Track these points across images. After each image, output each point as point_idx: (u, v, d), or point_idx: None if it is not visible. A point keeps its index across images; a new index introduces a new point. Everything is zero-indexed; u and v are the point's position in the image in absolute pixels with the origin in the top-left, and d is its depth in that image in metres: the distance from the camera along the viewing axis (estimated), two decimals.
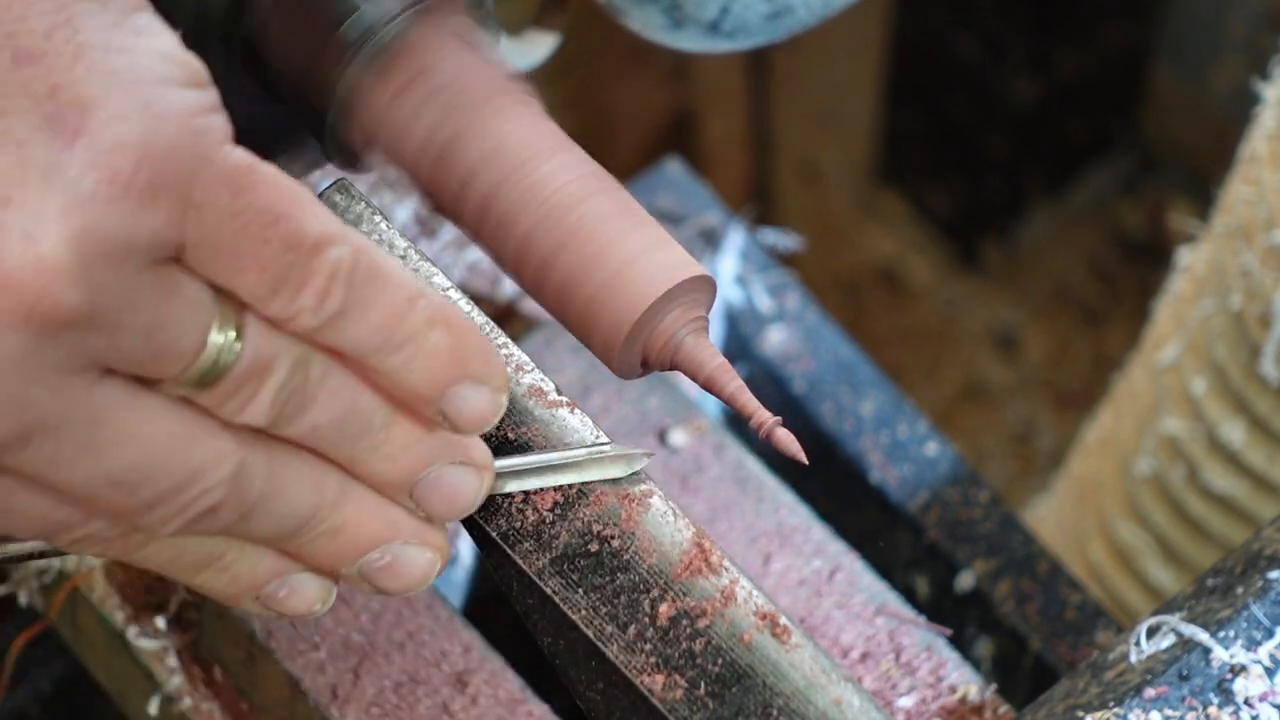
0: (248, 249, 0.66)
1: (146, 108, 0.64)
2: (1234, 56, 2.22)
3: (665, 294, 0.79)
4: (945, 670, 0.98)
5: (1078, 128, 2.36)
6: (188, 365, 0.66)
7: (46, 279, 0.62)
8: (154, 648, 0.97)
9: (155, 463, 0.67)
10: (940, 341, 2.38)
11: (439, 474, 0.75)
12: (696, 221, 1.18)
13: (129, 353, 0.65)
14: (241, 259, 0.66)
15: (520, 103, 0.83)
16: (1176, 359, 1.31)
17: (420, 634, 0.95)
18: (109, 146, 0.63)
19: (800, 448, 0.79)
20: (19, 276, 0.62)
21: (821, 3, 0.98)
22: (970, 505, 1.12)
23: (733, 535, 1.02)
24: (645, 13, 0.97)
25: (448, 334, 0.71)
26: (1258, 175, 1.21)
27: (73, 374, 0.65)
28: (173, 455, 0.68)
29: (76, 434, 0.65)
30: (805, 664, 0.75)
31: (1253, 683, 0.86)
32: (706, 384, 0.80)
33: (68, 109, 0.63)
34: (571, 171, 0.81)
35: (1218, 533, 1.33)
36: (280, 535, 0.73)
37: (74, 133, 0.63)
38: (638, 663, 0.76)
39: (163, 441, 0.67)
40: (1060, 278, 2.40)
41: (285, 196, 0.67)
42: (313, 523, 0.73)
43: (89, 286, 0.63)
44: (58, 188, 0.63)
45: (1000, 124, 2.29)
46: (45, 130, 0.63)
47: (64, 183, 0.63)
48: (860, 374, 1.16)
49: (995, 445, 2.31)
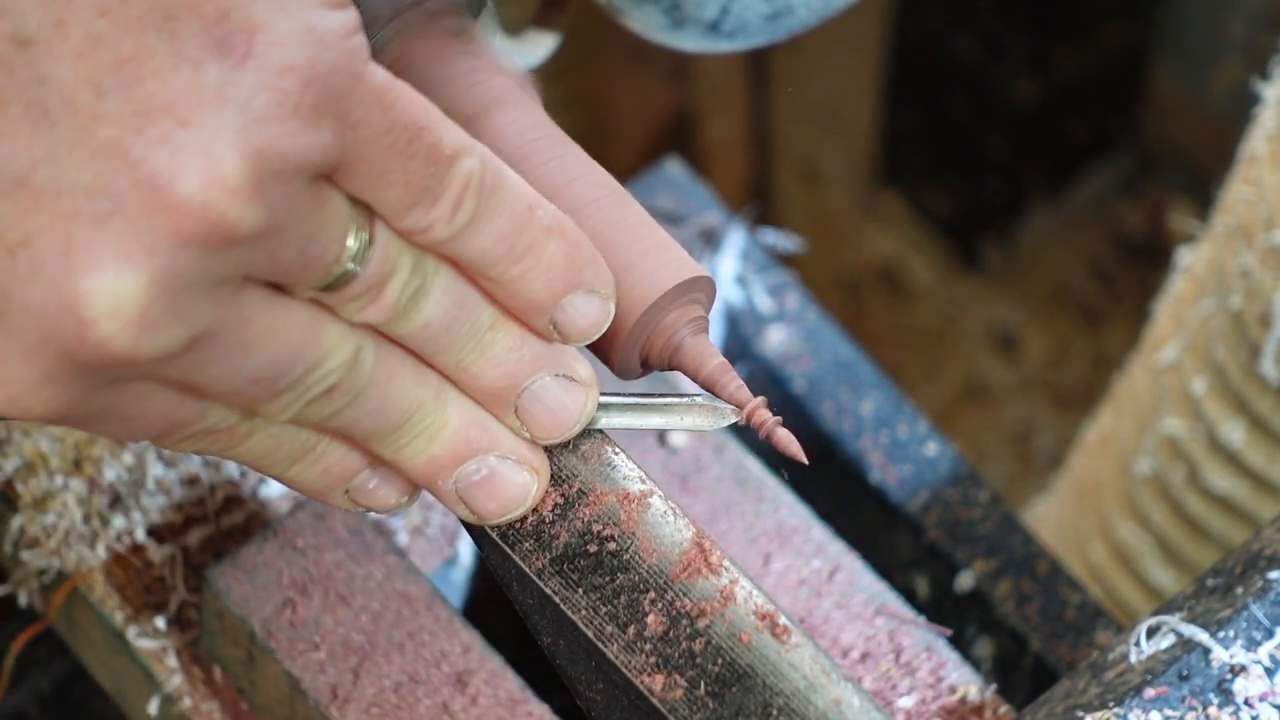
0: (395, 164, 0.69)
1: (308, 30, 0.66)
2: (1234, 56, 2.22)
3: (665, 294, 0.79)
4: (945, 670, 0.98)
5: (1078, 128, 2.36)
6: (327, 273, 0.69)
7: (228, 198, 0.65)
8: (154, 648, 0.97)
9: (291, 356, 0.70)
10: (940, 341, 2.38)
11: (543, 385, 0.76)
12: (696, 221, 1.18)
13: (283, 264, 0.68)
14: (390, 173, 0.69)
15: (520, 102, 0.83)
16: (1176, 359, 1.31)
17: (420, 634, 0.95)
18: (277, 68, 0.65)
19: (800, 448, 0.79)
20: (202, 196, 0.65)
21: (821, 3, 0.98)
22: (970, 505, 1.12)
23: (733, 535, 1.02)
24: (645, 13, 0.97)
25: (564, 242, 0.74)
26: (1258, 175, 1.21)
27: (231, 285, 0.67)
28: (305, 349, 0.70)
29: (228, 338, 0.68)
30: (805, 664, 0.75)
31: (1253, 683, 0.86)
32: (706, 384, 0.80)
33: (236, 32, 0.65)
34: (571, 172, 0.81)
35: (1218, 533, 1.33)
36: (381, 430, 0.75)
37: (243, 55, 0.65)
38: (638, 663, 0.76)
39: (297, 337, 0.70)
40: (1060, 278, 2.40)
41: (425, 111, 0.69)
42: (413, 420, 0.75)
43: (264, 205, 0.66)
44: (233, 109, 0.65)
45: (1000, 124, 2.29)
46: (216, 51, 0.65)
47: (238, 104, 0.65)
48: (860, 374, 1.16)
49: (995, 445, 2.31)
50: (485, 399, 0.76)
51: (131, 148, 0.64)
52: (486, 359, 0.75)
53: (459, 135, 0.70)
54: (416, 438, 0.75)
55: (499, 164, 0.72)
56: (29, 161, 0.64)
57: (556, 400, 0.77)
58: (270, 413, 0.72)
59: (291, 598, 0.94)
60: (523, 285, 0.74)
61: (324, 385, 0.72)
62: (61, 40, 0.64)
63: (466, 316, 0.74)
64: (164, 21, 0.65)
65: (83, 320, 0.65)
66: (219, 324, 0.68)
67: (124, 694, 1.00)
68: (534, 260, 0.73)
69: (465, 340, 0.74)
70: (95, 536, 0.99)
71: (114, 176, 0.64)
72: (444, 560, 1.03)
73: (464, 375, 0.75)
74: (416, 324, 0.73)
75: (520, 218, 0.73)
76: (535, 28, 0.98)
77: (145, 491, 1.00)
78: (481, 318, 0.74)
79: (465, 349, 0.75)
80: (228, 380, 0.70)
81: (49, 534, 0.99)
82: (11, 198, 0.64)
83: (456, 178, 0.70)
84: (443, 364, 0.75)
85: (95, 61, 0.64)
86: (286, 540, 0.95)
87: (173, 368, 0.68)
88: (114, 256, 0.64)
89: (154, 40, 0.65)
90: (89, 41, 0.64)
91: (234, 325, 0.68)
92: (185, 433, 0.72)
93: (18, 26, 0.64)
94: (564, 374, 0.76)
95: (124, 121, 0.65)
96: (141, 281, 0.65)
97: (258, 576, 0.95)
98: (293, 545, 0.95)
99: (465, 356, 0.75)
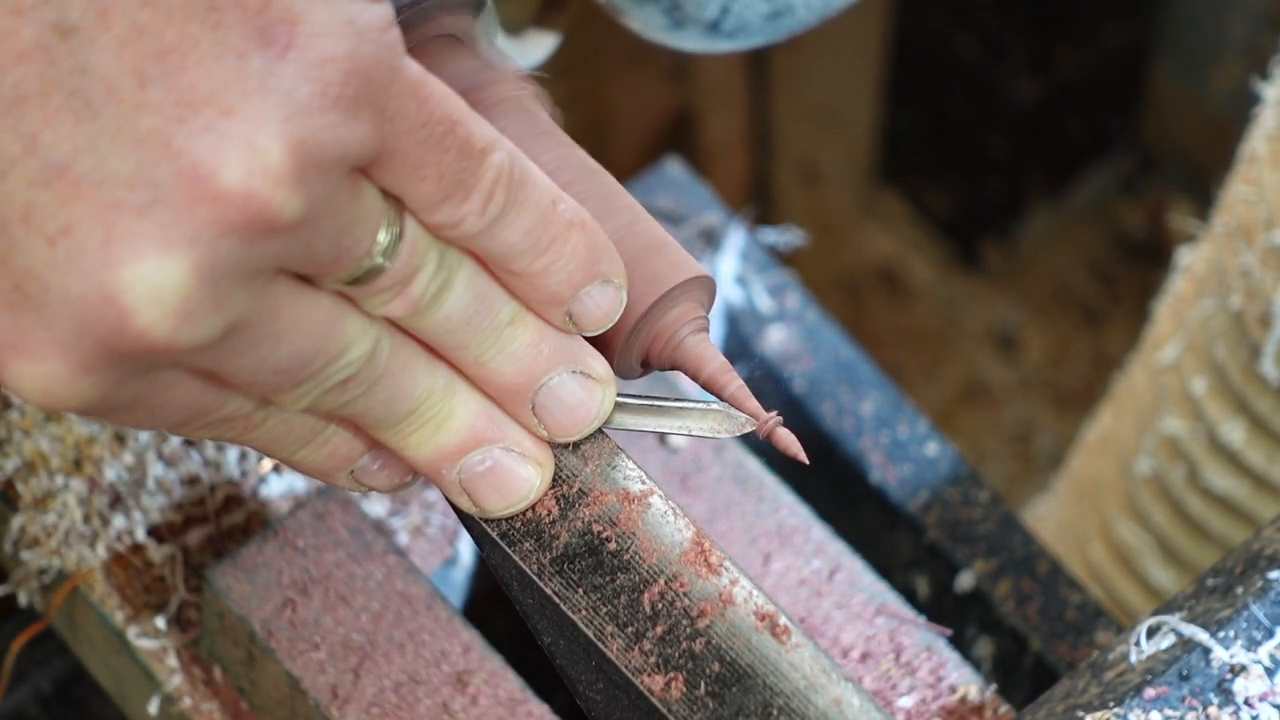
0: (430, 157, 0.69)
1: (349, 23, 0.66)
2: (1234, 56, 2.22)
3: (665, 294, 0.79)
4: (945, 670, 0.98)
5: (1078, 128, 2.36)
6: (357, 266, 0.70)
7: (271, 188, 0.65)
8: (154, 648, 0.97)
9: (316, 348, 0.70)
10: (940, 341, 2.38)
11: (561, 382, 0.76)
12: (696, 221, 1.18)
13: (317, 256, 0.68)
14: (424, 167, 0.69)
15: (521, 104, 0.83)
16: (1176, 359, 1.31)
17: (420, 634, 0.95)
18: (318, 60, 0.66)
19: (801, 447, 0.79)
20: (245, 185, 0.65)
21: (821, 3, 0.98)
22: (970, 505, 1.12)
23: (733, 535, 1.02)
24: (645, 13, 0.97)
25: (584, 234, 0.74)
26: (1258, 175, 1.21)
27: (265, 275, 0.67)
28: (328, 341, 0.71)
29: (258, 329, 0.68)
30: (805, 664, 0.75)
31: (1253, 683, 0.86)
32: (707, 384, 0.80)
33: (278, 23, 0.65)
34: (571, 171, 0.81)
35: (1218, 533, 1.33)
36: (390, 419, 0.75)
37: (285, 46, 0.65)
38: (638, 663, 0.76)
39: (321, 330, 0.70)
40: (1060, 278, 2.40)
41: (457, 105, 0.70)
42: (423, 408, 0.75)
43: (306, 195, 0.66)
44: (276, 99, 0.65)
45: (1000, 124, 2.29)
46: (258, 42, 0.65)
47: (281, 94, 0.65)
48: (860, 374, 1.16)
49: (995, 445, 2.31)
50: (503, 395, 0.76)
51: (174, 137, 0.65)
52: (505, 354, 0.75)
53: (488, 129, 0.71)
54: (424, 425, 0.75)
55: (524, 158, 0.72)
56: (70, 151, 0.64)
57: (574, 397, 0.77)
58: (286, 402, 0.72)
59: (291, 597, 0.94)
60: (546, 279, 0.74)
61: (342, 376, 0.72)
62: (104, 29, 0.64)
63: (488, 311, 0.74)
64: (206, 12, 0.65)
65: (123, 309, 0.65)
66: (252, 314, 0.68)
67: (124, 694, 1.00)
68: (557, 253, 0.74)
69: (485, 335, 0.74)
70: (95, 536, 0.99)
71: (156, 166, 0.64)
72: (444, 560, 1.03)
73: (482, 371, 0.75)
74: (438, 318, 0.73)
75: (545, 211, 0.73)
76: (535, 28, 0.98)
77: (145, 491, 1.00)
78: (502, 312, 0.74)
79: (485, 344, 0.75)
80: (253, 370, 0.70)
81: (49, 534, 0.99)
82: (52, 187, 0.65)
83: (487, 171, 0.70)
84: (461, 359, 0.75)
85: (138, 51, 0.64)
86: (286, 540, 0.95)
87: (204, 357, 0.68)
88: (155, 246, 0.64)
89: (197, 30, 0.65)
90: (132, 31, 0.64)
91: (265, 316, 0.68)
92: (203, 421, 0.72)
93: (61, 15, 0.64)
94: (582, 370, 0.77)
95: (166, 111, 0.65)
96: (183, 270, 0.65)
97: (258, 576, 0.95)
98: (293, 545, 0.95)
99: (484, 352, 0.75)
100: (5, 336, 0.66)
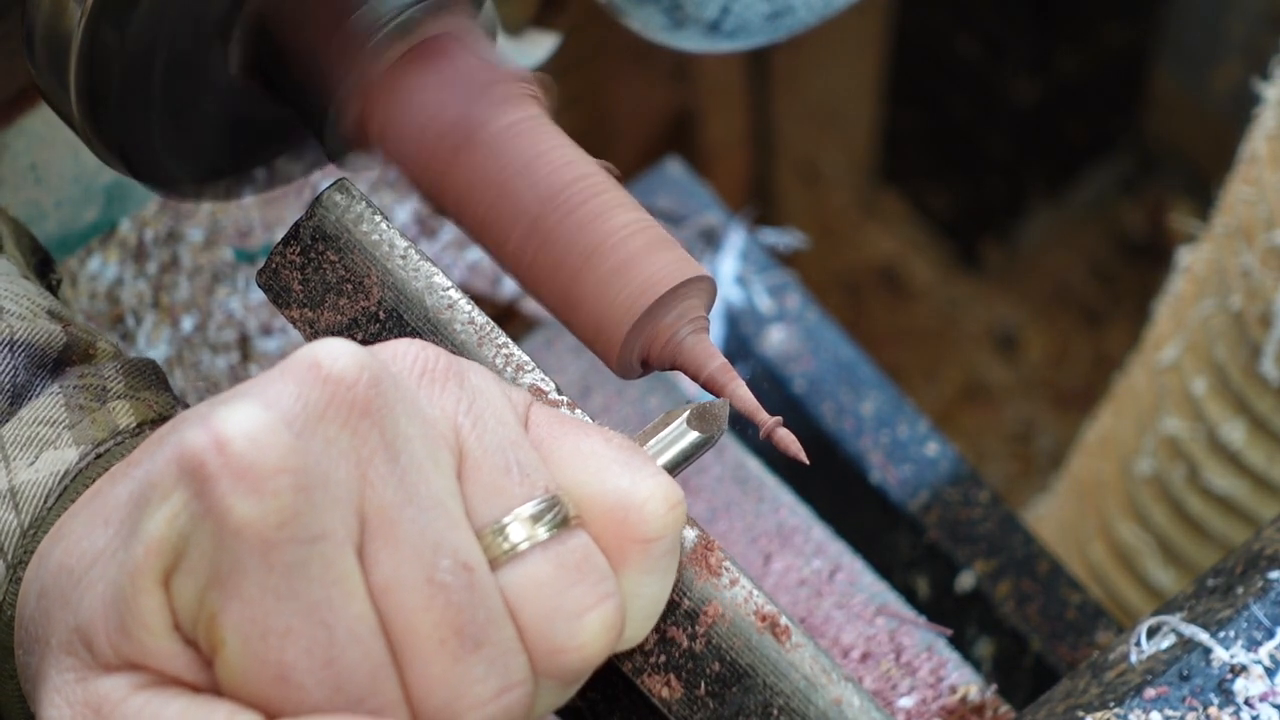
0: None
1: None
2: (1234, 56, 2.22)
3: (665, 294, 0.79)
4: (945, 670, 0.98)
5: (1078, 128, 2.36)
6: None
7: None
8: None
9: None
10: (940, 341, 2.38)
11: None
12: (696, 221, 1.18)
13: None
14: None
15: (522, 104, 0.83)
16: (1176, 359, 1.31)
17: None
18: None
19: (801, 448, 0.79)
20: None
21: (822, 3, 0.98)
22: (970, 505, 1.12)
23: (733, 535, 1.02)
24: (646, 13, 0.97)
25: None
26: (1258, 175, 1.21)
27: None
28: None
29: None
30: (805, 664, 0.75)
31: (1253, 683, 0.86)
32: (707, 384, 0.80)
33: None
34: (572, 172, 0.81)
35: (1218, 533, 1.33)
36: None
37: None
38: (637, 663, 0.76)
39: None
40: (1060, 278, 2.40)
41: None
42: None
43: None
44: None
45: (1000, 124, 2.29)
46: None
47: None
48: (860, 374, 1.16)
49: (995, 445, 2.31)
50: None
51: None
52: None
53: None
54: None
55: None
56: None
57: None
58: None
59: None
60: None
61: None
62: None
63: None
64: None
65: None
66: None
67: None
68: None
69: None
70: None
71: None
72: None
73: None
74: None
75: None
76: (535, 28, 0.98)
77: None
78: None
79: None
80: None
81: None
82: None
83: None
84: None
85: None
86: None
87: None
88: None
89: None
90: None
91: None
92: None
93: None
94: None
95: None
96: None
97: None
98: None
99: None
100: None
